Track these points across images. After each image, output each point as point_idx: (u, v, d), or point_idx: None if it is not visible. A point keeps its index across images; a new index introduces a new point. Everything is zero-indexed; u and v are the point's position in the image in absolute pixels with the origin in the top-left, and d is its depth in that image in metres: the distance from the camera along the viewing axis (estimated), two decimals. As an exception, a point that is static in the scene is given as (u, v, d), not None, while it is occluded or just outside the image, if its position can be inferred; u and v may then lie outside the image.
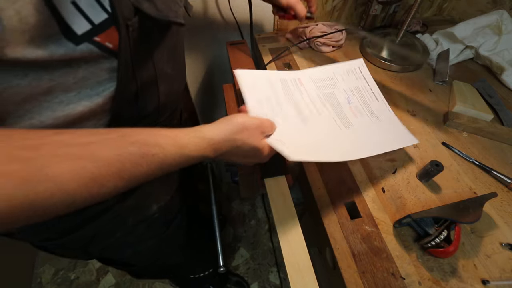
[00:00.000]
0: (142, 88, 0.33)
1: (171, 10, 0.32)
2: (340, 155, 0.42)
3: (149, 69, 0.34)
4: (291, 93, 0.47)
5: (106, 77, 0.29)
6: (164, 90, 0.38)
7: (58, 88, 0.26)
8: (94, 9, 0.24)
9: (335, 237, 0.39)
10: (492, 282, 0.35)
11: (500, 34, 0.68)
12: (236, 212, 1.28)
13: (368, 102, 0.51)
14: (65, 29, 0.23)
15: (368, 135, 0.46)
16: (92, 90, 0.28)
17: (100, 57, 0.27)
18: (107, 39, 0.26)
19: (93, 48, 0.26)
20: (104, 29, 0.25)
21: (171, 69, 0.39)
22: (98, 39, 0.25)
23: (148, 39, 0.32)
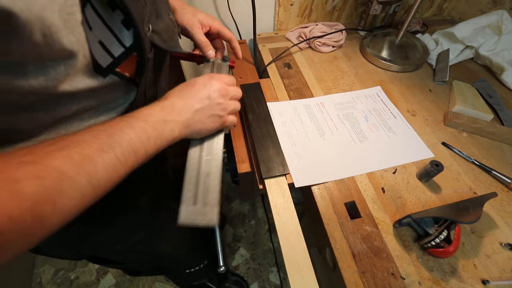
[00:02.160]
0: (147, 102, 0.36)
1: (172, 39, 0.38)
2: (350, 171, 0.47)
3: (155, 86, 0.39)
4: (314, 114, 0.56)
5: (121, 96, 0.33)
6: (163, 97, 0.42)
7: (82, 109, 0.29)
8: (114, 45, 0.28)
9: (335, 237, 0.39)
10: (492, 282, 0.35)
11: (500, 34, 0.68)
12: (236, 212, 1.28)
13: (386, 119, 0.55)
14: (95, 64, 0.27)
15: (383, 149, 0.50)
16: (108, 108, 0.32)
17: (117, 84, 0.31)
18: (125, 69, 0.30)
19: (116, 78, 0.30)
20: (121, 61, 0.29)
21: (164, 84, 0.44)
22: (118, 70, 0.29)
23: (157, 65, 0.38)
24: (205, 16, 0.50)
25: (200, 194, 0.36)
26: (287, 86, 0.62)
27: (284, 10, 0.75)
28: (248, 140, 0.50)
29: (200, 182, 0.37)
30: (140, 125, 0.30)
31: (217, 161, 0.39)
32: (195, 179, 0.37)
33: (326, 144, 0.50)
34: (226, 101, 0.39)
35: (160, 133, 0.31)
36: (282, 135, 0.51)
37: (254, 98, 0.54)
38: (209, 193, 0.36)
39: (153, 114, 0.32)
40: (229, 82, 0.41)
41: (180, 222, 0.34)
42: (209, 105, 0.37)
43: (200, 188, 0.36)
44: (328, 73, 0.66)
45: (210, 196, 0.36)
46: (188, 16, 0.48)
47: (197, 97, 0.36)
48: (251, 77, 0.62)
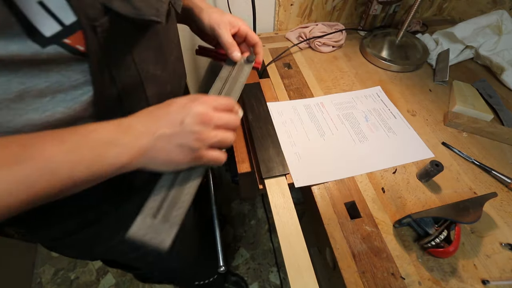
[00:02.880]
0: (125, 91, 0.31)
1: (151, 7, 0.29)
2: (350, 171, 0.47)
3: (131, 71, 0.31)
4: (314, 114, 0.56)
5: (82, 81, 0.27)
6: (153, 93, 0.35)
7: (30, 93, 0.24)
8: (64, 11, 0.22)
9: (335, 237, 0.39)
10: (492, 282, 0.35)
11: (500, 34, 0.68)
12: (236, 212, 1.28)
13: (386, 119, 0.55)
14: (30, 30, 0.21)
15: (383, 148, 0.50)
16: (67, 95, 0.26)
17: (71, 59, 0.25)
18: (77, 41, 0.24)
19: (63, 50, 0.24)
20: (74, 31, 0.23)
21: (161, 70, 0.36)
22: (68, 41, 0.24)
23: (127, 39, 0.29)
24: (232, 17, 0.46)
25: (165, 206, 0.31)
26: (287, 86, 0.62)
27: (284, 10, 0.75)
28: (248, 140, 0.50)
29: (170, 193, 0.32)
30: (73, 140, 0.24)
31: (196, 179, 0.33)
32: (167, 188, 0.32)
33: (326, 144, 0.50)
34: (206, 131, 0.30)
35: (100, 156, 0.25)
36: (282, 135, 0.51)
37: (254, 98, 0.54)
38: (175, 208, 0.30)
39: (100, 132, 0.26)
40: (221, 105, 0.33)
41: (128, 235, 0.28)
42: (180, 132, 0.29)
43: (168, 199, 0.31)
44: (328, 73, 0.66)
45: (174, 211, 0.30)
46: (215, 15, 0.45)
47: (166, 120, 0.29)
48: (251, 77, 0.62)
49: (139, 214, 0.30)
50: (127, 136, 0.27)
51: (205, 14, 0.45)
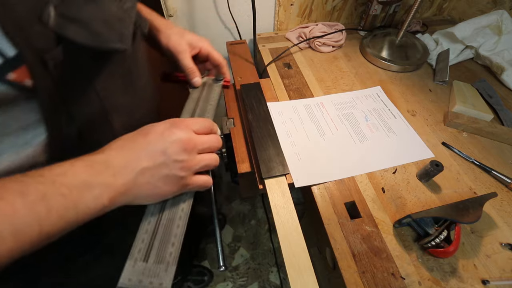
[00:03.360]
0: (86, 128, 0.28)
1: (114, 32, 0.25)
2: (350, 171, 0.47)
3: (93, 105, 0.28)
4: (314, 114, 0.56)
5: (33, 121, 0.23)
6: (121, 123, 0.32)
7: None
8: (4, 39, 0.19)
9: (335, 237, 0.39)
10: (492, 282, 0.35)
11: (500, 34, 0.68)
12: (236, 212, 1.28)
13: (386, 119, 0.55)
14: None
15: (383, 148, 0.50)
16: (17, 138, 0.22)
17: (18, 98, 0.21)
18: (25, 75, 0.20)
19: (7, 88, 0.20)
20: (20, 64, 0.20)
21: (129, 98, 0.33)
22: (13, 76, 0.20)
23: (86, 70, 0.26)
24: (193, 37, 0.43)
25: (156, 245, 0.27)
26: (287, 86, 0.62)
27: (284, 10, 0.75)
28: (248, 140, 0.50)
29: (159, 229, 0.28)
30: (38, 188, 0.20)
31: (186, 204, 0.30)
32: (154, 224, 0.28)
33: (326, 144, 0.50)
34: (190, 157, 0.28)
35: (74, 202, 0.22)
36: (282, 135, 0.51)
37: (254, 98, 0.54)
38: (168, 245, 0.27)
39: (70, 174, 0.22)
40: (201, 128, 0.31)
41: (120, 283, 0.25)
42: (164, 163, 0.27)
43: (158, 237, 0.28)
44: (328, 73, 0.66)
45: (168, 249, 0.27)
46: (174, 38, 0.41)
47: (146, 151, 0.26)
48: (251, 77, 0.62)
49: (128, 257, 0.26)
50: (103, 176, 0.24)
51: (163, 36, 0.41)
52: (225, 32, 0.79)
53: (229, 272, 1.11)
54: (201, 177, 0.31)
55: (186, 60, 0.41)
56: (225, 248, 1.17)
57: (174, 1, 0.68)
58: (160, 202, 0.30)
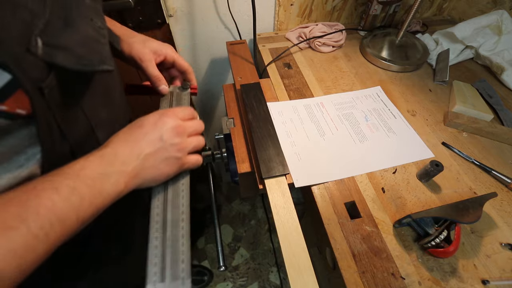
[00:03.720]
0: (77, 144, 0.29)
1: (94, 52, 0.27)
2: (350, 171, 0.47)
3: (81, 123, 0.30)
4: (314, 114, 0.56)
5: (26, 145, 0.24)
6: (104, 137, 0.34)
7: None
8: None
9: (335, 237, 0.39)
10: (492, 282, 0.35)
11: (500, 34, 0.68)
12: (236, 212, 1.28)
13: (386, 119, 0.55)
14: None
15: (383, 148, 0.50)
16: (10, 164, 0.23)
17: (13, 127, 0.22)
18: (17, 105, 0.21)
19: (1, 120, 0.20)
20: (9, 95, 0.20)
21: (108, 113, 0.35)
22: (4, 107, 0.20)
23: (74, 93, 0.28)
24: (157, 45, 0.43)
25: (167, 265, 0.30)
26: (287, 86, 0.62)
27: (284, 10, 0.75)
28: (248, 140, 0.50)
29: (167, 250, 0.31)
30: (68, 184, 0.23)
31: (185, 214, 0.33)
32: (161, 247, 0.31)
33: (326, 144, 0.50)
34: (183, 140, 0.33)
35: (99, 190, 0.25)
36: (282, 135, 0.51)
37: (254, 98, 0.54)
38: (178, 263, 0.30)
39: (88, 167, 0.26)
40: (186, 115, 0.35)
41: None
42: (162, 147, 0.31)
43: (167, 258, 0.31)
44: (328, 73, 0.66)
45: (179, 266, 0.30)
46: (137, 46, 0.41)
47: (146, 140, 0.30)
48: (251, 77, 0.62)
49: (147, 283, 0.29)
50: (116, 165, 0.27)
51: (125, 44, 0.41)
52: (225, 32, 0.79)
53: (229, 272, 1.11)
54: (194, 156, 0.35)
55: (150, 68, 0.41)
56: (225, 248, 1.17)
57: (174, 1, 0.68)
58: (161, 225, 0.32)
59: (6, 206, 0.20)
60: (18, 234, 0.19)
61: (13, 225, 0.19)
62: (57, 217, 0.22)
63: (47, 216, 0.21)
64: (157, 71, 0.42)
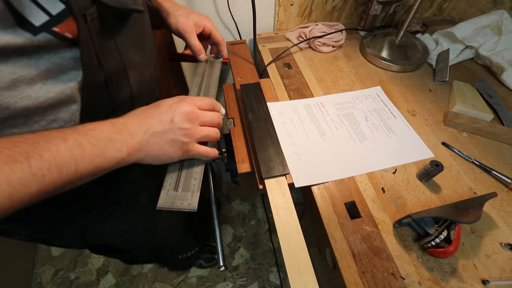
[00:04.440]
0: (110, 77, 0.33)
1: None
2: (350, 171, 0.47)
3: (115, 58, 0.33)
4: (314, 114, 0.56)
5: (70, 67, 0.28)
6: (135, 79, 0.38)
7: (22, 82, 0.25)
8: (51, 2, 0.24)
9: (335, 237, 0.39)
10: (492, 282, 0.35)
11: (500, 34, 0.68)
12: (236, 212, 1.28)
13: (386, 119, 0.55)
14: (22, 22, 0.23)
15: (383, 148, 0.50)
16: (57, 80, 0.28)
17: (60, 46, 0.27)
18: (66, 29, 0.26)
19: (52, 38, 0.25)
20: (62, 20, 0.25)
21: (140, 57, 0.38)
22: (57, 29, 0.25)
23: (111, 28, 0.32)
24: (198, 16, 0.50)
25: (181, 181, 0.36)
26: (287, 86, 0.62)
27: (284, 10, 0.75)
28: (248, 140, 0.50)
29: (183, 169, 0.37)
30: (75, 138, 0.26)
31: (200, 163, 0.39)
32: (179, 166, 0.38)
33: (326, 144, 0.50)
34: (193, 127, 0.34)
35: (101, 151, 0.27)
36: (282, 135, 0.51)
37: (254, 98, 0.54)
38: (191, 180, 0.36)
39: (98, 129, 0.28)
40: (204, 105, 0.37)
41: (159, 206, 0.33)
42: (171, 129, 0.33)
43: (183, 176, 0.36)
44: (328, 73, 0.66)
45: (191, 182, 0.36)
46: (182, 19, 0.48)
47: (158, 119, 0.33)
48: (251, 77, 0.62)
49: (162, 189, 0.34)
50: (123, 134, 0.30)
51: (172, 18, 0.48)
52: (225, 32, 0.79)
53: (229, 272, 1.11)
54: (202, 146, 0.37)
55: (193, 39, 0.48)
56: (225, 248, 1.17)
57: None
58: None
59: (20, 143, 0.23)
60: (19, 168, 0.22)
61: (19, 159, 0.22)
62: (57, 163, 0.24)
63: (48, 160, 0.23)
64: (198, 42, 0.49)
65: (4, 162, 0.21)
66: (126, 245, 0.60)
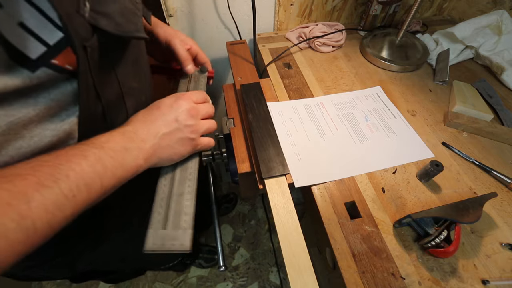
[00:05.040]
0: (108, 107, 0.32)
1: (131, 23, 0.31)
2: (350, 171, 0.47)
3: (113, 86, 0.33)
4: (314, 114, 0.56)
5: (70, 101, 0.27)
6: (131, 104, 0.37)
7: (19, 125, 0.23)
8: (47, 29, 0.22)
9: (335, 237, 0.39)
10: (492, 282, 0.35)
11: (500, 34, 0.68)
12: (236, 212, 1.28)
13: (386, 119, 0.55)
14: (16, 55, 0.21)
15: (383, 148, 0.50)
16: (54, 118, 0.26)
17: (59, 80, 0.25)
18: (65, 61, 0.24)
19: (52, 72, 0.23)
20: (61, 50, 0.23)
21: (137, 82, 0.38)
22: (56, 61, 0.23)
23: (110, 56, 0.31)
24: (185, 37, 0.49)
25: (171, 216, 0.32)
26: (287, 86, 0.62)
27: (284, 10, 0.75)
28: (248, 140, 0.50)
29: (171, 203, 0.33)
30: (94, 153, 0.25)
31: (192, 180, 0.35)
32: (166, 200, 0.33)
33: (326, 144, 0.50)
34: (196, 122, 0.35)
35: (120, 162, 0.27)
36: (282, 135, 0.51)
37: (254, 98, 0.54)
38: (181, 215, 0.32)
39: (112, 141, 0.28)
40: (199, 99, 0.38)
41: (146, 248, 0.30)
42: (178, 128, 0.33)
43: (172, 210, 0.33)
44: (328, 73, 0.66)
45: (182, 218, 0.32)
46: (169, 30, 0.47)
47: (163, 120, 0.33)
48: (251, 77, 0.62)
49: (149, 228, 0.31)
50: (136, 141, 0.30)
51: (160, 28, 0.47)
52: (225, 32, 0.79)
53: (229, 272, 1.11)
54: (206, 138, 0.38)
55: (181, 49, 0.46)
56: (225, 248, 1.17)
57: (174, 1, 0.68)
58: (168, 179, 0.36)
59: (41, 167, 0.22)
60: (51, 192, 0.21)
61: (47, 184, 0.21)
62: (84, 181, 0.23)
63: (75, 179, 0.23)
64: (186, 52, 0.47)
65: (34, 189, 0.20)
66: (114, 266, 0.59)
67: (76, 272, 0.50)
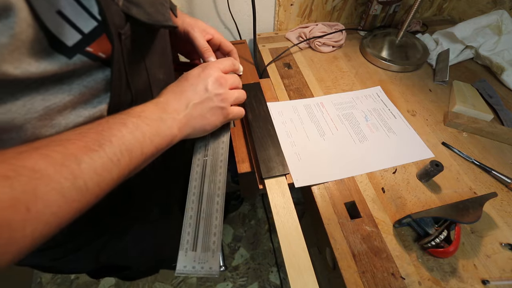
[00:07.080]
0: (137, 96, 0.32)
1: (159, 13, 0.31)
2: (350, 171, 0.47)
3: (142, 76, 0.33)
4: (314, 114, 0.56)
5: (102, 89, 0.27)
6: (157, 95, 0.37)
7: (54, 110, 0.24)
8: (82, 17, 0.22)
9: (335, 237, 0.39)
10: (492, 282, 0.35)
11: (500, 34, 0.68)
12: (236, 212, 1.28)
13: (386, 119, 0.55)
14: (55, 42, 0.21)
15: (383, 148, 0.50)
16: (87, 104, 0.27)
17: (93, 68, 0.26)
18: (99, 49, 0.25)
19: (87, 60, 0.24)
20: (94, 38, 0.24)
21: (162, 74, 0.38)
22: (90, 49, 0.24)
23: (140, 45, 0.31)
24: (206, 25, 0.47)
25: (200, 236, 0.33)
26: (287, 86, 0.62)
27: (284, 10, 0.75)
28: (248, 140, 0.50)
29: (200, 221, 0.33)
30: (133, 121, 0.26)
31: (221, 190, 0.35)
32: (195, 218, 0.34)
33: (326, 144, 0.50)
34: (226, 91, 0.36)
35: (156, 130, 0.28)
36: (282, 135, 0.51)
37: (254, 98, 0.54)
38: (210, 235, 0.32)
39: (147, 111, 0.29)
40: (226, 68, 0.38)
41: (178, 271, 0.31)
42: (208, 98, 0.34)
43: (201, 229, 0.33)
44: (328, 73, 0.66)
45: (211, 239, 0.32)
46: (188, 20, 0.45)
47: (192, 91, 0.33)
48: (251, 77, 0.62)
49: (180, 249, 0.32)
50: (169, 111, 0.31)
51: (178, 19, 0.45)
52: (225, 32, 0.79)
53: (229, 272, 1.11)
54: (237, 107, 0.39)
55: (201, 40, 0.44)
56: (225, 248, 1.17)
57: (174, 1, 0.68)
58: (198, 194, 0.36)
59: (86, 133, 0.23)
60: (98, 156, 0.22)
61: (94, 148, 0.22)
62: (125, 147, 0.25)
63: (118, 144, 0.24)
64: (206, 43, 0.44)
65: (83, 153, 0.21)
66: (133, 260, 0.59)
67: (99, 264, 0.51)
